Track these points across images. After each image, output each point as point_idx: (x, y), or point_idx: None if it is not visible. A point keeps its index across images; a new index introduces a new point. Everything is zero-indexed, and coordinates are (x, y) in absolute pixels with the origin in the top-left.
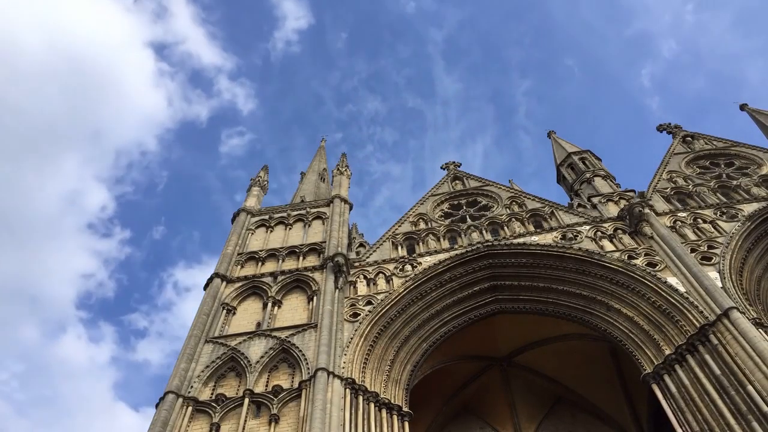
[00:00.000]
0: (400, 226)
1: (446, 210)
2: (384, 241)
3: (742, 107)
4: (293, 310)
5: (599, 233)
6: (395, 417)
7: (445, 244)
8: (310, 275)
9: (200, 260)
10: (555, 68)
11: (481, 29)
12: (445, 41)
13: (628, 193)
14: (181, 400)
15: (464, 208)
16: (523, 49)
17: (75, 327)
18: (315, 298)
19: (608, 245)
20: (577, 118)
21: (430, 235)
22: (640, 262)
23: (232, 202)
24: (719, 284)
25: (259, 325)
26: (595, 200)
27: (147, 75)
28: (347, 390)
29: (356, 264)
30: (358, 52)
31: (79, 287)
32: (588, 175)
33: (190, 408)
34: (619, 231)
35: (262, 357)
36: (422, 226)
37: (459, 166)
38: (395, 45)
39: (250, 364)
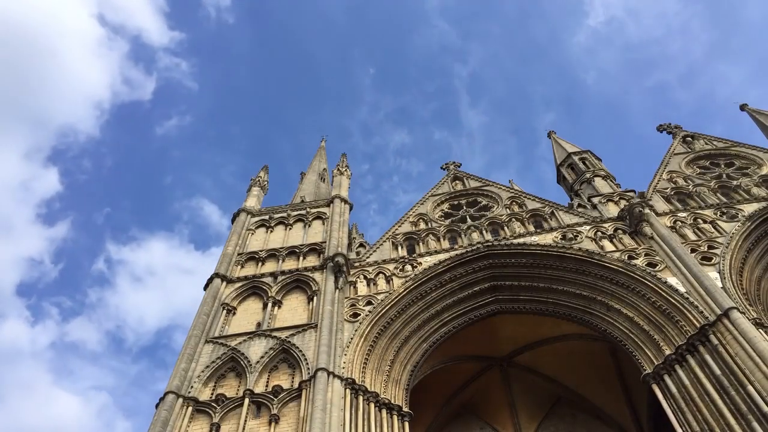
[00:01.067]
0: (400, 226)
1: (446, 210)
2: (384, 242)
3: (742, 107)
4: (293, 310)
5: (599, 233)
6: (395, 417)
7: (446, 244)
8: (311, 275)
9: (133, 236)
10: (577, 104)
11: (505, 65)
12: (470, 76)
13: (628, 193)
14: (181, 400)
15: (464, 208)
16: (546, 84)
17: (17, 311)
18: (315, 298)
19: (608, 245)
20: (578, 118)
21: (430, 235)
22: (640, 262)
23: (160, 185)
24: (719, 284)
25: (259, 325)
26: (595, 200)
27: (88, 47)
28: (347, 390)
29: (356, 264)
30: (386, 87)
31: (24, 271)
32: (588, 176)
33: (190, 408)
34: (620, 231)
35: (262, 357)
36: (422, 226)
37: (459, 166)
38: (421, 80)
39: (250, 364)
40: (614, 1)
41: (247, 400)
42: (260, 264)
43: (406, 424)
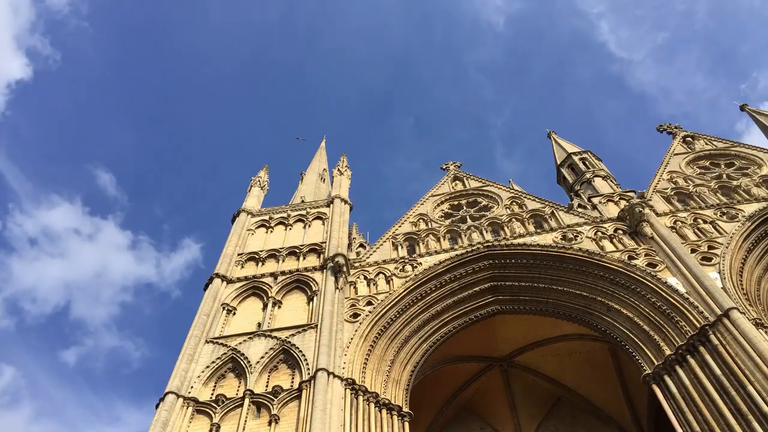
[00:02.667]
0: (400, 226)
1: (446, 210)
2: (384, 242)
3: (742, 107)
4: (293, 310)
5: (599, 234)
6: (395, 417)
7: (446, 244)
8: (311, 275)
9: (30, 200)
10: (605, 150)
11: (538, 116)
12: (505, 126)
13: (628, 194)
14: (181, 400)
15: (464, 208)
16: (576, 134)
17: None
18: (315, 298)
19: (608, 246)
20: (578, 117)
21: (431, 236)
22: (640, 262)
23: (60, 150)
24: (719, 285)
25: (259, 325)
26: (595, 200)
27: None
28: (347, 390)
29: (356, 264)
30: (424, 136)
31: None
32: (588, 176)
33: (190, 408)
34: (620, 231)
35: (262, 357)
36: (422, 226)
37: (460, 167)
38: (458, 130)
39: (250, 365)
40: (647, 79)
41: (247, 401)
42: (260, 264)
43: (406, 425)
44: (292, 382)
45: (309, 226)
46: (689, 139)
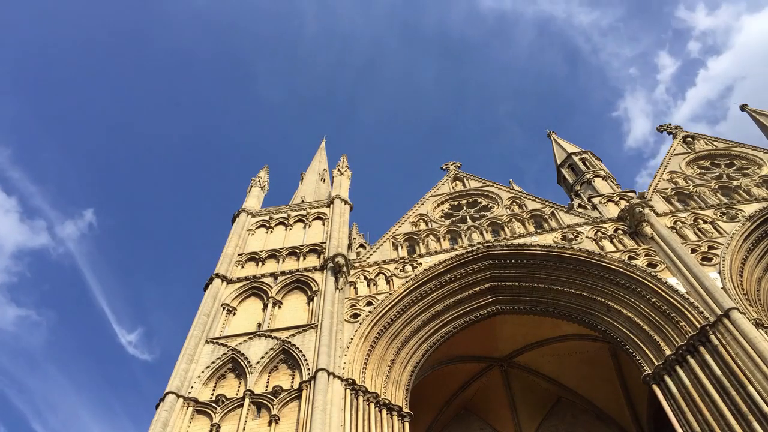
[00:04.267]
0: (400, 226)
1: (447, 210)
2: (384, 242)
3: (743, 107)
4: (293, 310)
5: (599, 234)
6: (395, 417)
7: (446, 244)
8: (311, 276)
9: None
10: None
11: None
12: (539, 171)
13: (628, 194)
14: (181, 400)
15: (464, 208)
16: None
17: None
18: (315, 298)
19: (608, 246)
20: (578, 117)
21: (431, 236)
22: (640, 262)
23: None
24: (719, 285)
25: (259, 325)
26: (595, 201)
27: None
28: (347, 391)
29: (356, 264)
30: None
31: None
32: (588, 176)
33: (190, 409)
34: (620, 231)
35: (262, 357)
36: (422, 226)
37: (460, 167)
38: (498, 174)
39: (251, 365)
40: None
41: (247, 401)
42: (260, 264)
43: (407, 425)
44: (292, 382)
45: (309, 226)
46: (689, 139)
